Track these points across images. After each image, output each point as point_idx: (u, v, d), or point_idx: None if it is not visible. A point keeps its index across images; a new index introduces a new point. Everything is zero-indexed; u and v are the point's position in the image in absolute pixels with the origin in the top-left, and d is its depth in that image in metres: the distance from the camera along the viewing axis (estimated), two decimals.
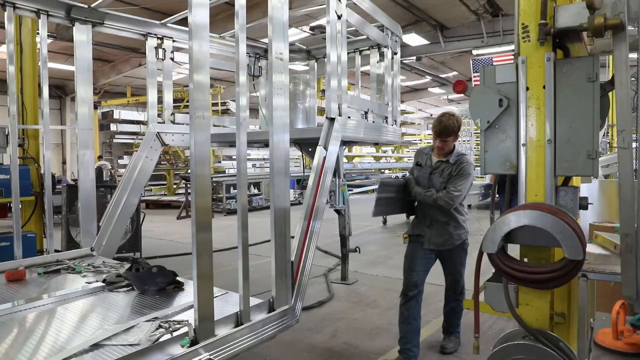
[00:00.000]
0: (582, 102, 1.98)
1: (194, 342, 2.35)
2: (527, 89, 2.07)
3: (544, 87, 2.03)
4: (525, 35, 2.06)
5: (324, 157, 3.77)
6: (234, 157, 15.57)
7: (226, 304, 2.88)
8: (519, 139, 2.09)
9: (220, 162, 17.02)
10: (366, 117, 4.81)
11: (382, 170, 22.05)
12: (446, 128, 3.47)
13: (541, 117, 2.04)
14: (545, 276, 1.92)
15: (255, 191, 15.15)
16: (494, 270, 2.10)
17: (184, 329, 2.45)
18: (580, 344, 2.14)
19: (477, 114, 2.18)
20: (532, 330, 2.01)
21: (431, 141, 3.79)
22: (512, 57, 2.15)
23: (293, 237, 3.22)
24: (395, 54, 5.55)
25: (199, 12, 2.37)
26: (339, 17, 4.05)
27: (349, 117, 4.31)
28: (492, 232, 1.97)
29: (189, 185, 12.42)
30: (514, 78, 2.11)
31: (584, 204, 2.12)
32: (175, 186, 16.84)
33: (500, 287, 2.09)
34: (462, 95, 2.24)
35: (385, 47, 5.39)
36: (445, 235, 3.57)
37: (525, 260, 2.09)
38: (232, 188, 13.91)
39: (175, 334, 2.41)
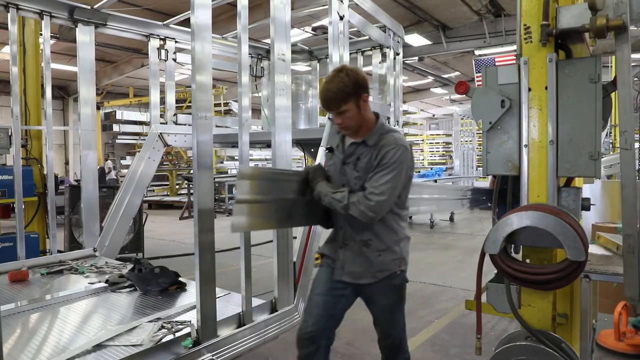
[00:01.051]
0: (584, 103, 1.98)
1: (196, 343, 2.36)
2: (529, 89, 2.07)
3: (546, 88, 2.03)
4: (527, 36, 2.06)
5: None
6: (236, 157, 15.59)
7: (228, 304, 2.89)
8: (521, 140, 2.09)
9: (222, 162, 17.06)
10: None
11: None
12: (331, 95, 2.11)
13: (543, 118, 2.04)
14: (548, 277, 1.92)
15: None
16: (496, 271, 2.11)
17: (187, 330, 2.46)
18: (582, 345, 2.13)
19: (479, 114, 2.18)
20: (534, 331, 2.01)
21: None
22: (515, 57, 2.15)
23: (295, 238, 3.22)
24: (397, 54, 5.55)
25: (201, 13, 2.38)
26: (341, 17, 4.05)
27: None
28: (494, 233, 1.97)
29: (191, 186, 12.45)
30: (516, 79, 2.10)
31: (586, 205, 2.11)
32: (177, 186, 16.88)
33: (503, 288, 2.09)
34: (465, 95, 2.23)
35: (387, 47, 5.40)
36: (364, 262, 2.25)
37: (528, 261, 2.09)
38: (234, 188, 13.92)
39: (177, 334, 2.42)
